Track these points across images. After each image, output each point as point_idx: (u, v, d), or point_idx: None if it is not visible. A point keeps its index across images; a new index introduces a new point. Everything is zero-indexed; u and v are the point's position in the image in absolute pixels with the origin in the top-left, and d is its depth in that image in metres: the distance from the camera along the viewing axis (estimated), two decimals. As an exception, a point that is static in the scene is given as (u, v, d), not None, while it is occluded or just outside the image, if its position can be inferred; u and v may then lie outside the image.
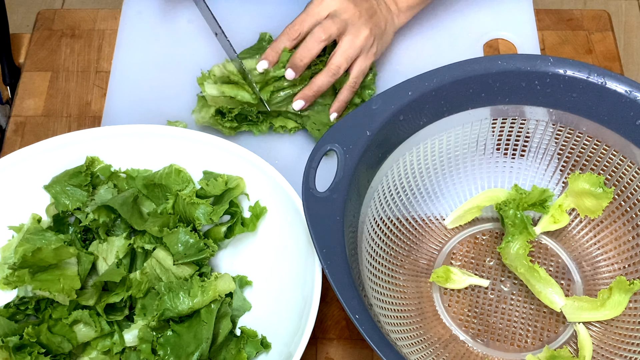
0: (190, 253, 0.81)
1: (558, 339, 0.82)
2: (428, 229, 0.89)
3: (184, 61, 1.02)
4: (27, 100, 1.01)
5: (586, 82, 0.80)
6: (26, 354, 0.75)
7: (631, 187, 0.84)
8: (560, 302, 0.82)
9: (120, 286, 0.80)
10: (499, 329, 0.83)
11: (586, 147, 0.85)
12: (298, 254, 0.79)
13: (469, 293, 0.85)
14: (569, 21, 1.07)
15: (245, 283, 0.83)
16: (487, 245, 0.89)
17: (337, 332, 0.84)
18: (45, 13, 1.09)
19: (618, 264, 0.86)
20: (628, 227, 0.85)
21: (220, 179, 0.83)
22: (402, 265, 0.86)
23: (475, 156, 0.89)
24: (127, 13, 1.07)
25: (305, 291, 0.76)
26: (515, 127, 0.86)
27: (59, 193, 0.84)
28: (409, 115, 0.80)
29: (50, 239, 0.82)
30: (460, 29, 1.05)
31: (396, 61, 1.02)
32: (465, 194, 0.90)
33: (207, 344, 0.76)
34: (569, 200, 0.87)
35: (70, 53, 1.05)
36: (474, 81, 0.81)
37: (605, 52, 1.04)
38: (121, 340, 0.79)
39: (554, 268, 0.87)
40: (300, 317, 0.75)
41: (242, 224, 0.84)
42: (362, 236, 0.79)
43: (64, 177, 0.84)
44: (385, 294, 0.81)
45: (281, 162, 0.93)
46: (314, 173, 0.74)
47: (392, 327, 0.77)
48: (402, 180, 0.85)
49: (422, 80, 0.79)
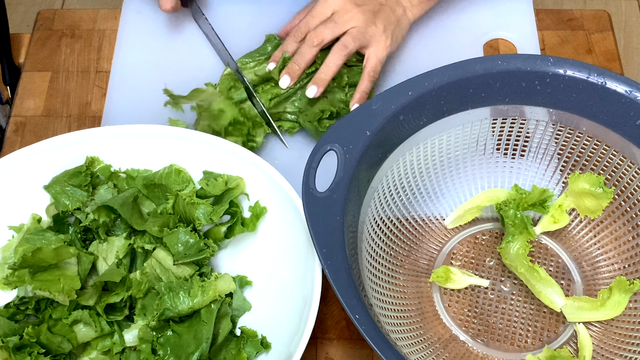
0: (190, 253, 0.81)
1: (558, 339, 0.82)
2: (428, 229, 0.89)
3: (184, 61, 1.02)
4: (27, 100, 1.01)
5: (586, 82, 0.80)
6: (26, 354, 0.75)
7: (631, 187, 0.84)
8: (560, 302, 0.82)
9: (120, 286, 0.80)
10: (499, 329, 0.83)
11: (586, 147, 0.85)
12: (298, 254, 0.79)
13: (469, 293, 0.85)
14: (569, 21, 1.07)
15: (245, 283, 0.83)
16: (487, 245, 0.89)
17: (337, 332, 0.84)
18: (45, 13, 1.09)
19: (618, 264, 0.86)
20: (628, 227, 0.85)
21: (220, 179, 0.83)
22: (402, 265, 0.86)
23: (475, 156, 0.89)
24: (127, 13, 1.07)
25: (305, 291, 0.76)
26: (515, 127, 0.86)
27: (59, 193, 0.84)
28: (409, 115, 0.80)
29: (50, 239, 0.82)
30: (460, 29, 1.05)
31: (396, 61, 1.02)
32: (465, 194, 0.90)
33: (207, 344, 0.76)
34: (569, 200, 0.87)
35: (70, 53, 1.05)
36: (474, 81, 0.81)
37: (605, 52, 1.04)
38: (121, 340, 0.79)
39: (554, 268, 0.87)
40: (300, 317, 0.75)
41: (242, 224, 0.84)
42: (362, 236, 0.79)
43: (63, 177, 0.84)
44: (385, 294, 0.81)
45: (281, 162, 0.93)
46: (314, 173, 0.74)
47: (392, 327, 0.77)
48: (402, 180, 0.85)
49: (422, 80, 0.79)
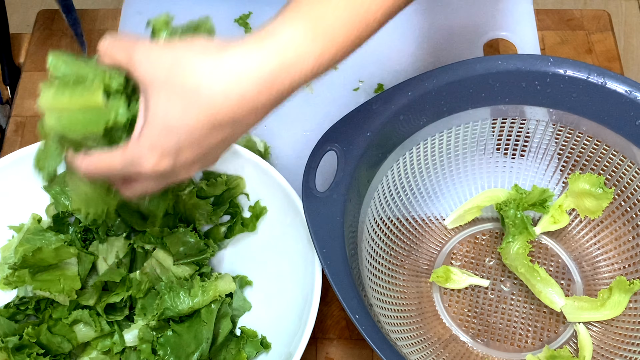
0: (191, 253, 0.81)
1: (558, 339, 0.82)
2: (428, 229, 0.89)
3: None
4: (27, 100, 1.01)
5: (586, 82, 0.80)
6: (25, 355, 0.75)
7: (631, 187, 0.84)
8: (560, 302, 0.82)
9: (120, 286, 0.80)
10: (499, 329, 0.83)
11: (586, 147, 0.85)
12: (298, 254, 0.79)
13: (469, 293, 0.85)
14: (569, 21, 1.07)
15: (245, 283, 0.83)
16: (487, 245, 0.89)
17: (337, 332, 0.84)
18: (45, 13, 1.09)
19: (618, 264, 0.86)
20: (628, 227, 0.85)
21: (220, 179, 0.83)
22: (402, 265, 0.86)
23: (475, 156, 0.89)
24: (127, 13, 1.07)
25: (305, 291, 0.76)
26: (515, 127, 0.86)
27: (59, 194, 0.84)
28: (409, 115, 0.80)
29: (51, 239, 0.82)
30: (460, 29, 1.05)
31: (396, 61, 1.02)
32: (465, 194, 0.90)
33: (207, 344, 0.76)
34: (569, 200, 0.87)
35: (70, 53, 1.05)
36: (474, 81, 0.81)
37: (605, 52, 1.04)
38: (121, 340, 0.79)
39: (554, 268, 0.87)
40: (300, 317, 0.75)
41: (242, 224, 0.84)
42: (362, 236, 0.79)
43: (63, 177, 0.84)
44: (385, 294, 0.81)
45: (281, 162, 0.93)
46: (314, 173, 0.74)
47: (392, 327, 0.77)
48: (402, 180, 0.85)
49: (422, 80, 0.79)
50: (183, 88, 0.56)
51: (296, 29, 0.57)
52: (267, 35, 0.57)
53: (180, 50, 0.58)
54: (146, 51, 0.59)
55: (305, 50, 0.57)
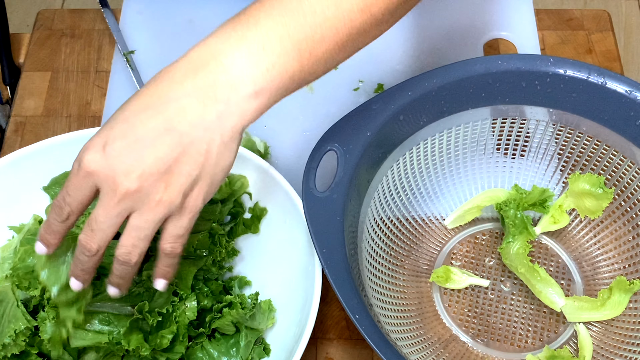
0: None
1: (558, 339, 0.82)
2: (428, 229, 0.89)
3: (184, 61, 1.02)
4: (27, 100, 1.01)
5: (586, 82, 0.80)
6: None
7: (631, 187, 0.84)
8: (560, 302, 0.82)
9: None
10: (499, 329, 0.83)
11: (586, 147, 0.85)
12: (298, 254, 0.79)
13: (469, 293, 0.85)
14: (569, 21, 1.07)
15: (245, 283, 0.83)
16: (487, 245, 0.89)
17: (337, 332, 0.84)
18: (45, 13, 1.09)
19: (618, 264, 0.86)
20: (628, 227, 0.85)
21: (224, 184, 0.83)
22: (402, 265, 0.86)
23: (475, 156, 0.89)
24: (127, 13, 1.07)
25: (305, 291, 0.76)
26: (515, 127, 0.86)
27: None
28: (409, 115, 0.80)
29: (50, 239, 0.82)
30: (460, 29, 1.05)
31: (396, 61, 1.02)
32: (465, 194, 0.90)
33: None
34: (569, 200, 0.87)
35: (70, 53, 1.05)
36: (474, 81, 0.81)
37: (605, 52, 1.04)
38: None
39: (554, 268, 0.87)
40: (300, 317, 0.75)
41: (244, 225, 0.84)
42: (362, 236, 0.79)
43: (62, 178, 0.84)
44: (385, 294, 0.81)
45: (281, 162, 0.93)
46: (314, 173, 0.74)
47: (392, 327, 0.77)
48: (402, 180, 0.85)
49: (422, 80, 0.79)
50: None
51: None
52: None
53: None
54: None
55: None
